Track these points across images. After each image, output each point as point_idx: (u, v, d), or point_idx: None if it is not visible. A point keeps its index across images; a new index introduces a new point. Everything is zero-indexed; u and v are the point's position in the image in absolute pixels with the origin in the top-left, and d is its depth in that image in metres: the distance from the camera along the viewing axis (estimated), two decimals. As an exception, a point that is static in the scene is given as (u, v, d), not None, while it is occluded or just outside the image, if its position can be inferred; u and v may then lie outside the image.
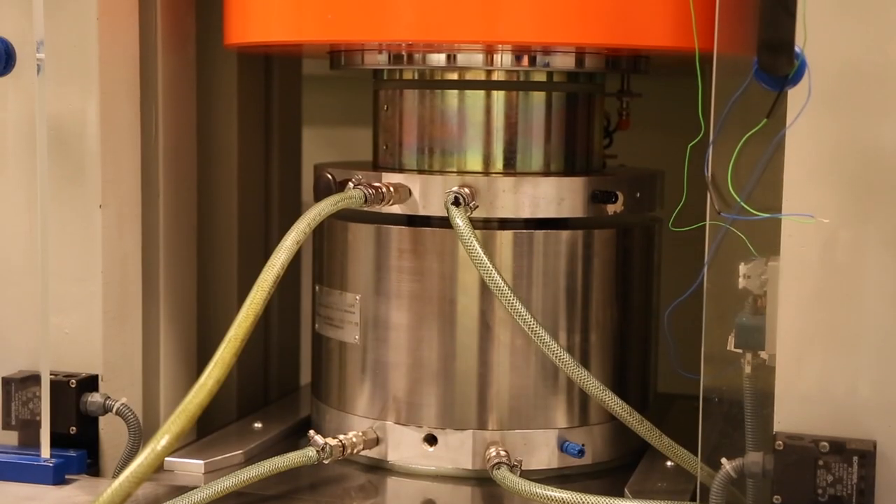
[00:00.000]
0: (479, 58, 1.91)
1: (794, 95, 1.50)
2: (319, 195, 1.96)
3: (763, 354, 1.58)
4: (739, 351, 1.60)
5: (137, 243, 2.05)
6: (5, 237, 1.95)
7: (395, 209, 1.92)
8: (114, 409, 1.90)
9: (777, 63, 1.48)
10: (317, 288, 2.09)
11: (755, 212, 1.54)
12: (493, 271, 1.75)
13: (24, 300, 1.93)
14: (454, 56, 1.91)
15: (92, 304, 1.93)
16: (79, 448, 1.91)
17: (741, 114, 1.58)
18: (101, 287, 1.93)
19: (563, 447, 1.92)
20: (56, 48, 1.86)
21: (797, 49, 1.48)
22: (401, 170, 2.00)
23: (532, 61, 1.91)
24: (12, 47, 1.83)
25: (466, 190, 1.85)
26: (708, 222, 1.62)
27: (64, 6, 1.86)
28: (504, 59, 1.90)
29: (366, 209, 1.88)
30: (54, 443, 1.86)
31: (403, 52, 1.94)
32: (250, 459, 1.99)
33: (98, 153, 1.90)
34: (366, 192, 1.86)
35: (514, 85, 1.95)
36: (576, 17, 1.75)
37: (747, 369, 1.59)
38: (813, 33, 1.48)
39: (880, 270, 1.49)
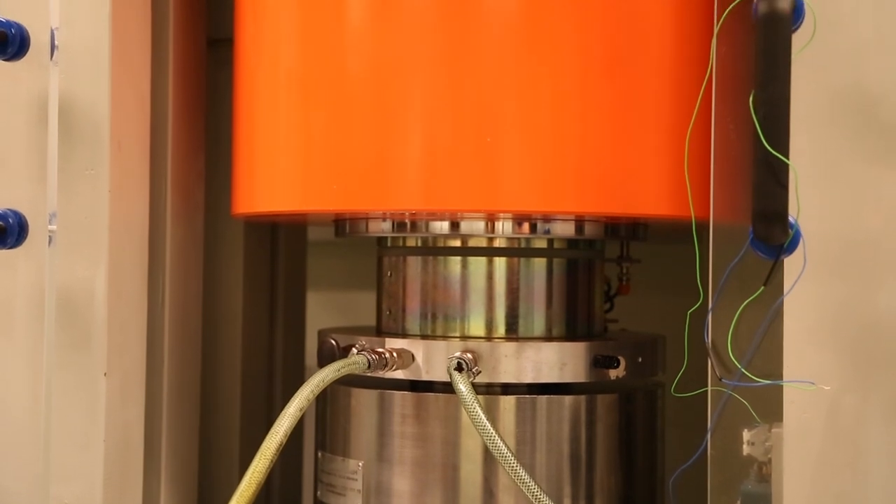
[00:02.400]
0: (480, 225, 1.95)
1: (791, 264, 1.53)
2: (323, 360, 1.97)
3: (770, 522, 1.56)
4: (746, 519, 1.58)
5: (140, 411, 2.04)
6: (9, 405, 1.96)
7: (399, 374, 1.93)
8: (112, 581, 1.87)
9: (772, 233, 1.51)
10: (319, 454, 2.08)
11: (756, 378, 1.55)
12: (497, 437, 1.75)
13: (25, 469, 1.91)
14: (456, 224, 1.95)
15: (93, 474, 1.92)
16: None
17: (739, 280, 1.61)
18: (102, 456, 1.92)
19: None
20: (67, 219, 1.90)
21: (791, 219, 1.52)
22: (404, 335, 2.02)
23: (533, 229, 1.95)
24: (25, 220, 1.88)
25: (469, 355, 1.86)
26: (709, 388, 1.63)
27: (76, 180, 1.91)
28: (505, 227, 1.94)
29: (369, 374, 1.89)
30: None
31: (407, 220, 1.98)
32: None
33: (105, 322, 1.92)
34: (369, 357, 1.88)
35: (516, 252, 1.98)
36: (575, 186, 1.79)
37: (755, 538, 1.57)
38: (806, 204, 1.52)
39: (885, 437, 1.49)
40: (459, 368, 1.83)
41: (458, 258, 1.99)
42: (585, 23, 1.77)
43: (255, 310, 2.42)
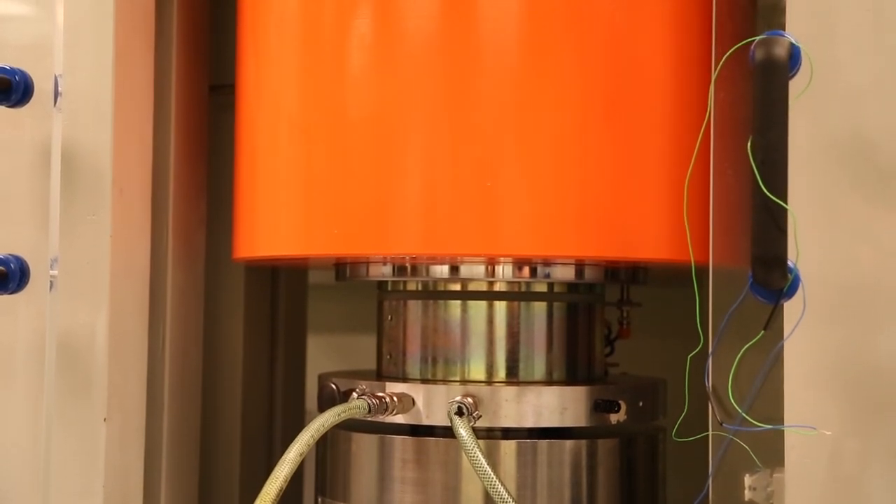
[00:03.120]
0: (480, 269, 1.95)
1: (790, 308, 1.53)
2: (323, 405, 1.97)
3: (773, 569, 1.55)
4: (749, 566, 1.57)
5: (140, 456, 2.04)
6: (8, 450, 1.95)
7: (399, 418, 1.92)
8: None
9: (771, 278, 1.52)
10: (319, 499, 2.07)
11: (757, 423, 1.54)
12: (498, 482, 1.74)
13: (24, 517, 1.91)
14: (457, 268, 1.96)
15: (92, 520, 1.92)
16: None
17: (739, 324, 1.61)
18: (101, 502, 1.91)
19: None
20: (69, 264, 1.91)
21: (790, 264, 1.52)
22: (404, 379, 2.02)
23: (533, 272, 1.95)
24: (27, 265, 1.88)
25: (469, 399, 1.86)
26: (710, 433, 1.62)
27: (78, 225, 1.92)
28: (505, 271, 1.95)
29: (369, 419, 1.88)
30: None
31: (407, 264, 1.99)
32: None
33: (105, 367, 1.92)
34: (370, 402, 1.87)
35: (516, 295, 1.99)
36: (575, 230, 1.80)
37: (758, 584, 1.56)
38: (805, 248, 1.52)
39: (887, 482, 1.49)
40: (460, 413, 1.82)
41: (459, 302, 2.00)
42: (585, 70, 1.78)
43: (255, 353, 2.42)
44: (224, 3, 2.30)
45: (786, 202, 1.51)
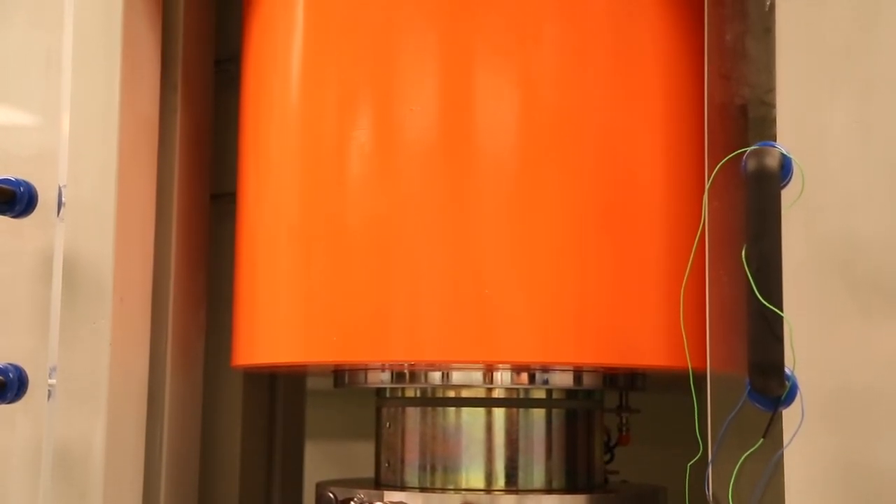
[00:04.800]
0: (479, 376, 1.95)
1: (789, 415, 1.53)
2: (321, 514, 1.95)
3: None
4: None
5: (135, 567, 2.02)
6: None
7: (398, 528, 1.90)
8: None
9: (769, 385, 1.51)
10: None
11: (759, 532, 1.53)
12: None
13: None
14: (455, 375, 1.96)
15: None
16: None
17: (738, 432, 1.60)
18: None
19: None
20: (67, 373, 1.91)
21: (788, 371, 1.52)
22: (402, 487, 2.00)
23: (531, 379, 1.95)
24: (25, 374, 1.88)
25: (468, 509, 1.84)
26: (713, 542, 1.60)
27: (78, 334, 1.93)
28: (504, 377, 1.95)
29: (368, 529, 1.87)
30: None
31: (406, 371, 1.99)
32: None
33: (102, 477, 1.90)
34: (368, 511, 1.86)
35: (514, 402, 1.98)
36: (572, 337, 1.81)
37: None
38: (802, 356, 1.52)
39: (891, 592, 1.47)
40: (459, 522, 1.81)
41: (457, 409, 1.99)
42: (580, 179, 1.81)
43: (253, 460, 2.40)
44: (226, 112, 2.34)
45: (781, 310, 1.52)
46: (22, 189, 1.87)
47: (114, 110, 1.97)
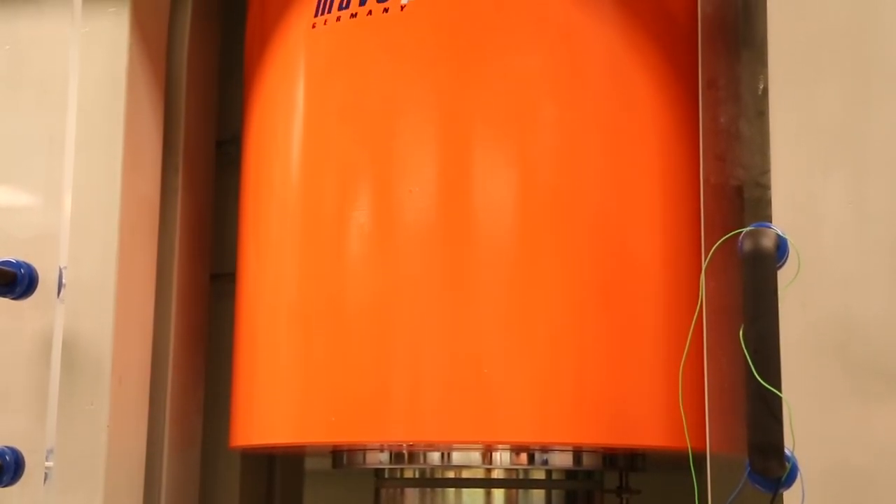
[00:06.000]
0: (477, 456, 1.94)
1: (790, 497, 1.52)
2: None
3: None
4: None
5: None
6: None
7: None
8: None
9: (769, 466, 1.50)
10: None
11: None
12: None
13: None
14: (454, 455, 1.95)
15: None
16: None
17: (740, 512, 1.59)
18: None
19: None
20: (65, 455, 1.89)
21: (787, 452, 1.51)
22: (402, 570, 1.98)
23: (531, 459, 1.94)
24: (22, 457, 1.87)
25: None
26: None
27: (76, 415, 1.92)
28: (503, 458, 1.94)
29: None
30: None
31: (404, 451, 1.97)
32: None
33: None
34: None
35: (514, 483, 1.97)
36: (572, 417, 1.80)
37: None
38: (801, 437, 1.52)
39: None
40: None
41: (457, 490, 1.98)
42: (577, 259, 1.83)
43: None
44: (226, 192, 2.36)
45: (780, 390, 1.52)
46: (23, 271, 1.88)
47: (115, 192, 1.99)
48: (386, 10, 1.91)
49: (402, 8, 1.90)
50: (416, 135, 1.89)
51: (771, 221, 1.61)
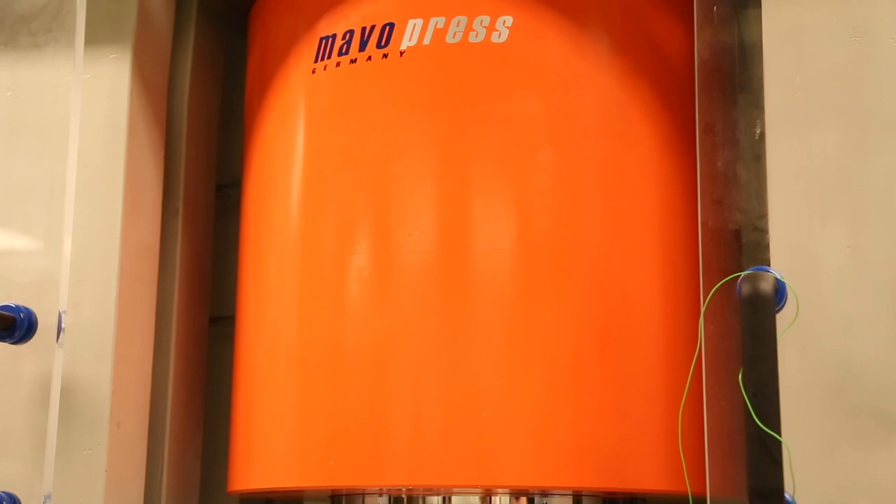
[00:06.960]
0: (477, 500, 1.93)
1: (791, 541, 1.52)
2: None
3: None
4: None
5: None
6: None
7: None
8: None
9: (769, 511, 1.50)
10: None
11: None
12: None
13: None
14: (453, 499, 1.93)
15: None
16: None
17: (740, 559, 1.58)
18: None
19: None
20: (61, 501, 1.88)
21: (788, 496, 1.51)
22: None
23: (530, 503, 1.93)
24: (20, 503, 1.86)
25: None
26: None
27: (74, 460, 1.91)
28: (502, 502, 1.92)
29: None
30: None
31: (403, 495, 1.96)
32: None
33: None
34: None
35: (514, 528, 1.96)
36: (571, 461, 1.80)
37: None
38: (801, 481, 1.52)
39: None
40: None
41: (456, 535, 1.96)
42: (576, 303, 1.83)
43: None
44: (226, 236, 2.37)
45: (780, 434, 1.52)
46: (22, 315, 1.88)
47: (115, 237, 1.99)
48: (385, 55, 1.93)
49: (401, 54, 1.92)
50: (415, 179, 1.90)
51: (769, 265, 1.61)
